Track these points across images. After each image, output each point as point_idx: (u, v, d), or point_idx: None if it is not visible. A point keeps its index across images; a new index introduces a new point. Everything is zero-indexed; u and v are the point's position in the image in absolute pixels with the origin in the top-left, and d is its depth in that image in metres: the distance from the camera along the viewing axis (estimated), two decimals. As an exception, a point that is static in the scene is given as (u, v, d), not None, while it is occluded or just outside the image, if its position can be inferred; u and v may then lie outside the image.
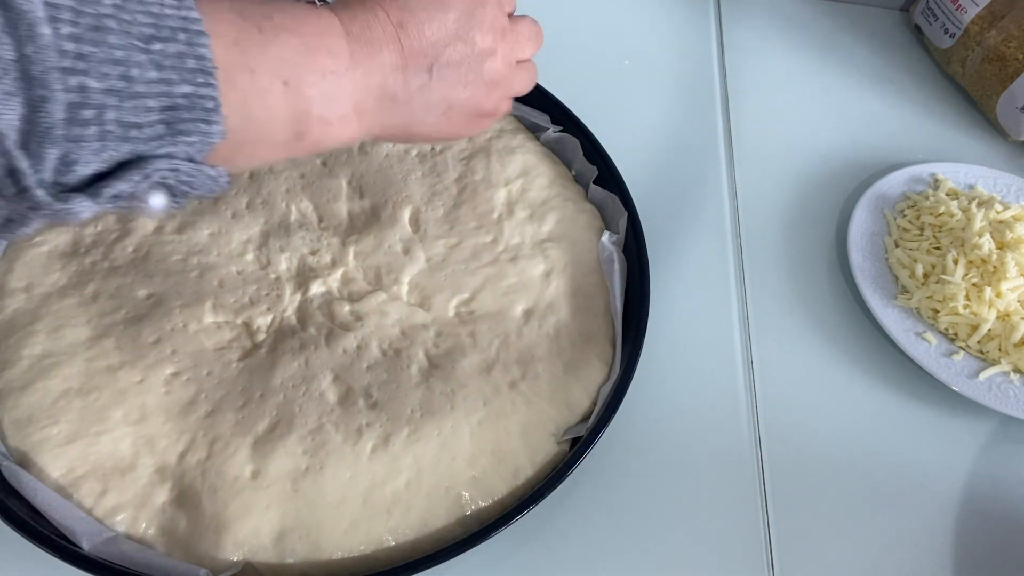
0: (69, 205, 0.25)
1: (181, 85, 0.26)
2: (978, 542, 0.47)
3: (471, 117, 0.39)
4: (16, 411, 0.41)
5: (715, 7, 0.74)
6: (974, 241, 0.54)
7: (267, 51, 0.30)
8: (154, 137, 0.26)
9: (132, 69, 0.25)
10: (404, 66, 0.35)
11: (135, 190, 0.26)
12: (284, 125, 0.31)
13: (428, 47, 0.36)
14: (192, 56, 0.27)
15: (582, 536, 0.44)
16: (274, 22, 0.30)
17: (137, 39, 0.25)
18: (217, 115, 0.27)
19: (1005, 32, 0.66)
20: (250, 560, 0.38)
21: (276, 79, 0.30)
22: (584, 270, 0.50)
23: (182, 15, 0.27)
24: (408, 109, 0.36)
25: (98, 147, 0.25)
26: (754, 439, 0.49)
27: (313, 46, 0.32)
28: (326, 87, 0.32)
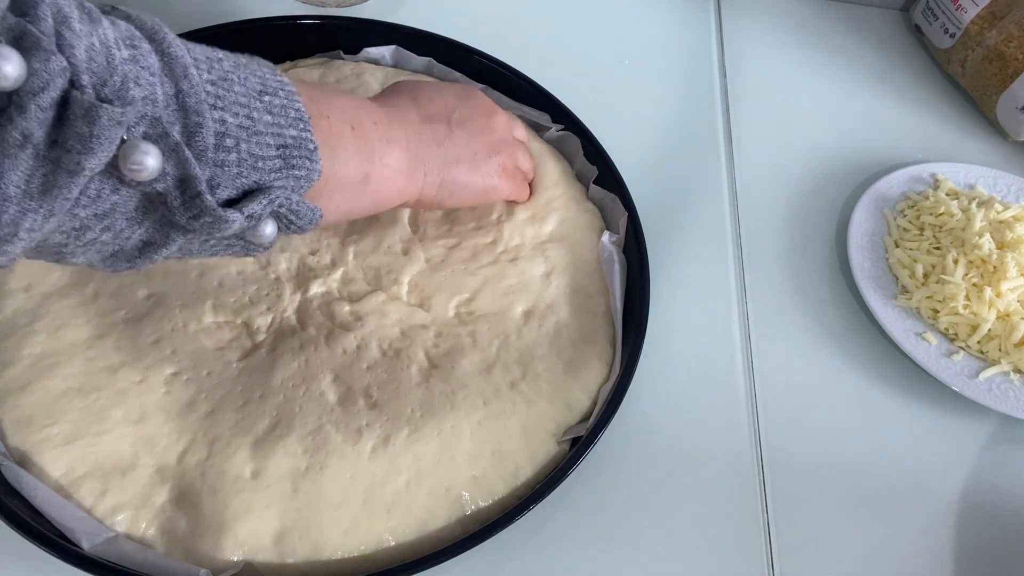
0: (227, 214, 0.29)
1: (288, 129, 0.31)
2: (978, 542, 0.47)
3: (494, 167, 0.46)
4: (16, 411, 0.41)
5: (715, 7, 0.74)
6: (974, 241, 0.54)
7: (333, 103, 0.36)
8: (274, 169, 0.31)
9: (253, 112, 0.30)
10: (428, 120, 0.42)
11: (262, 212, 0.31)
12: (357, 165, 0.36)
13: (440, 108, 0.44)
14: (292, 108, 0.32)
15: (582, 536, 0.44)
16: (328, 89, 0.37)
17: (252, 90, 0.30)
18: (317, 155, 0.32)
19: (1005, 32, 0.66)
20: (250, 560, 0.38)
21: (345, 124, 0.36)
22: (584, 270, 0.50)
23: (278, 79, 0.32)
24: (442, 155, 0.42)
25: (236, 172, 0.29)
26: (754, 439, 0.49)
27: (359, 105, 0.38)
28: (380, 133, 0.38)
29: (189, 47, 0.29)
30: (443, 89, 0.45)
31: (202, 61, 0.29)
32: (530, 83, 0.56)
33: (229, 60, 0.31)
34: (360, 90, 0.55)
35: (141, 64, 0.26)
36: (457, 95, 0.45)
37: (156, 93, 0.27)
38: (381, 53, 0.58)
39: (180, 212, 0.28)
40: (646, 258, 0.49)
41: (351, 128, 0.36)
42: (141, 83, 0.26)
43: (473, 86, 0.48)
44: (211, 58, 0.30)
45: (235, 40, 0.55)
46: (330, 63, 0.57)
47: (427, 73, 0.58)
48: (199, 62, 0.29)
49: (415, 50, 0.58)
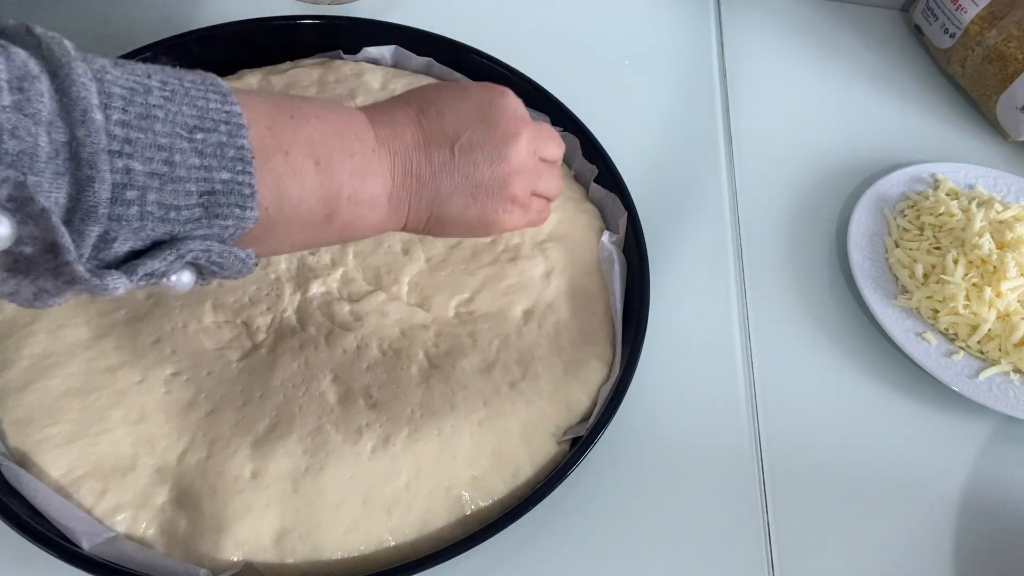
0: (105, 282, 0.26)
1: (221, 172, 0.28)
2: (978, 542, 0.47)
3: (499, 201, 0.40)
4: (16, 411, 0.41)
5: (715, 7, 0.74)
6: (974, 241, 0.54)
7: (299, 134, 0.32)
8: (191, 219, 0.28)
9: (175, 155, 0.27)
10: (426, 144, 0.37)
11: (168, 269, 0.28)
12: (316, 204, 0.32)
13: (448, 129, 0.38)
14: (232, 146, 0.29)
15: (582, 536, 0.44)
16: (304, 111, 0.33)
17: (182, 128, 0.27)
18: (253, 201, 0.29)
19: (1005, 32, 0.66)
20: (250, 560, 0.38)
21: (308, 159, 0.32)
22: (584, 270, 0.50)
23: (225, 109, 0.29)
24: (434, 187, 0.37)
25: (138, 227, 0.27)
26: (754, 439, 0.49)
27: (340, 130, 0.34)
28: (354, 166, 0.34)
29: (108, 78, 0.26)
30: (463, 99, 0.39)
31: (118, 96, 0.26)
32: (530, 83, 0.56)
33: (164, 88, 0.28)
34: (360, 90, 0.55)
35: (26, 111, 0.24)
36: (477, 111, 0.39)
37: (39, 144, 0.24)
38: (381, 53, 0.58)
39: (52, 276, 0.26)
40: (646, 258, 0.49)
41: (315, 164, 0.32)
42: (19, 134, 0.23)
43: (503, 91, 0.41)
44: (136, 89, 0.27)
45: (235, 40, 0.56)
46: (330, 63, 0.57)
47: (427, 73, 0.58)
48: (112, 98, 0.26)
49: (415, 50, 0.58)
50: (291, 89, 0.55)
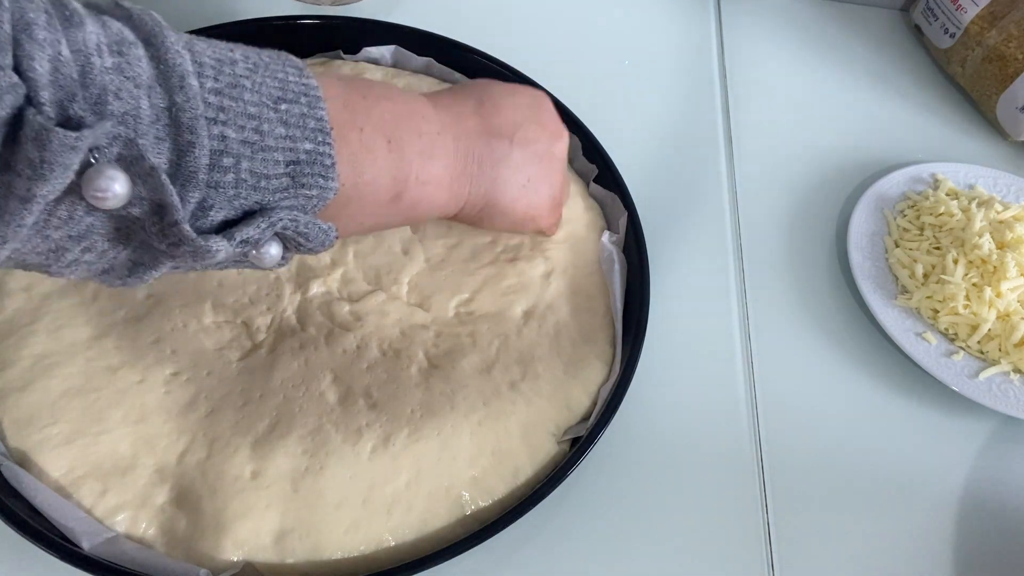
0: (210, 243, 0.26)
1: (304, 142, 0.29)
2: (978, 542, 0.47)
3: (545, 196, 0.42)
4: (16, 411, 0.41)
5: (715, 7, 0.74)
6: (974, 241, 0.54)
7: (372, 113, 0.33)
8: (280, 188, 0.28)
9: (264, 124, 0.28)
10: (488, 134, 0.39)
11: (260, 237, 0.28)
12: (388, 182, 0.33)
13: (507, 123, 0.40)
14: (313, 117, 0.29)
15: (582, 536, 0.44)
16: (375, 92, 0.34)
17: (268, 99, 0.28)
18: (334, 172, 0.30)
19: (1005, 32, 0.66)
20: (250, 560, 0.38)
21: (381, 137, 0.33)
22: (585, 270, 0.50)
23: (303, 82, 0.29)
24: (493, 176, 0.39)
25: (232, 194, 0.27)
26: (754, 439, 0.49)
27: (409, 111, 0.35)
28: (422, 146, 0.35)
29: (197, 49, 0.27)
30: (514, 96, 0.41)
31: (208, 66, 0.27)
32: (529, 82, 0.56)
33: (247, 61, 0.28)
34: None
35: (126, 74, 0.24)
36: (529, 107, 0.41)
37: (141, 107, 0.24)
38: (381, 53, 0.58)
39: (158, 239, 0.26)
40: (646, 258, 0.49)
41: (387, 142, 0.33)
42: (123, 96, 0.24)
43: (543, 94, 0.44)
44: (223, 59, 0.27)
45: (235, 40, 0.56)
46: (330, 63, 0.57)
47: (427, 73, 0.58)
48: (204, 67, 0.26)
49: (415, 50, 0.58)
50: None
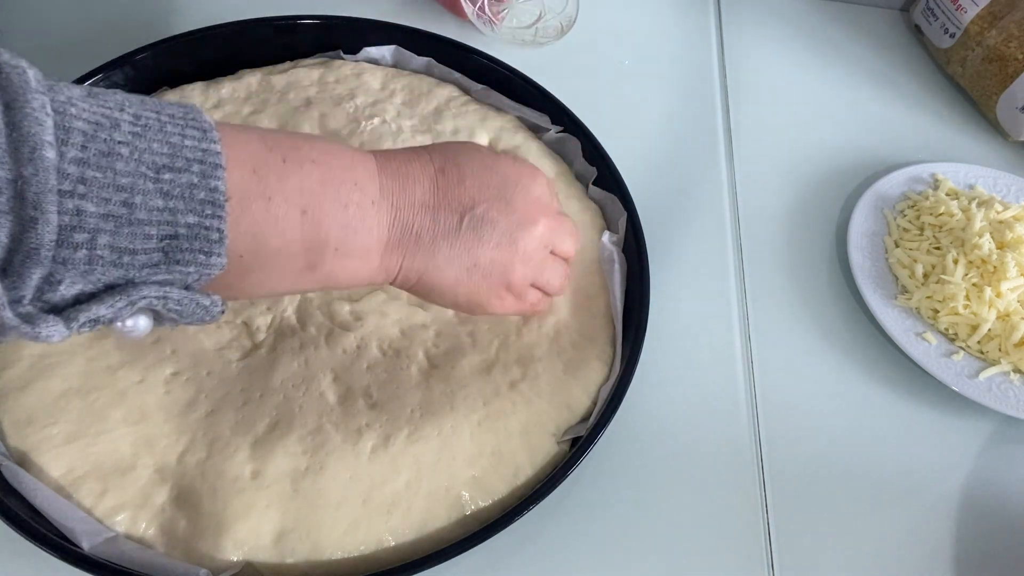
0: (38, 329, 0.25)
1: (187, 215, 0.27)
2: (978, 542, 0.47)
3: (494, 286, 0.38)
4: (16, 411, 0.41)
5: (715, 7, 0.74)
6: (974, 241, 0.54)
7: (287, 180, 0.30)
8: (148, 264, 0.26)
9: (136, 196, 0.26)
10: (436, 206, 0.35)
11: (116, 315, 0.26)
12: (298, 254, 0.31)
13: (465, 197, 0.36)
14: (204, 188, 0.27)
15: (582, 536, 0.44)
16: (302, 154, 0.31)
17: (148, 167, 0.26)
18: (220, 247, 0.28)
19: (1005, 32, 0.66)
20: (250, 560, 0.38)
21: (294, 207, 0.30)
22: (585, 270, 0.50)
23: (203, 147, 0.27)
24: (431, 253, 0.35)
25: (85, 270, 0.25)
26: (754, 439, 0.49)
27: (339, 178, 0.32)
28: (347, 218, 0.32)
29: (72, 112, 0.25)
30: (489, 171, 0.37)
31: (78, 132, 0.25)
32: (530, 83, 0.56)
33: (136, 123, 0.26)
34: (360, 90, 0.55)
35: None
36: (501, 186, 0.37)
37: None
38: (381, 53, 0.58)
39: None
40: (646, 258, 0.49)
41: (301, 212, 0.30)
42: None
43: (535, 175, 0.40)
44: (102, 123, 0.25)
45: (235, 40, 0.56)
46: (330, 63, 0.57)
47: (427, 73, 0.58)
48: (71, 134, 0.24)
49: (415, 50, 0.58)
50: (291, 90, 0.55)
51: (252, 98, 0.54)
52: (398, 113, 0.55)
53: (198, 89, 0.54)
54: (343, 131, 0.53)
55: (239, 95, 0.54)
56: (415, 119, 0.55)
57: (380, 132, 0.53)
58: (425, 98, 0.56)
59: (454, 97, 0.57)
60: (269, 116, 0.53)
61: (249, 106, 0.54)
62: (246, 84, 0.55)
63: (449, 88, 0.57)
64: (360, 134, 0.53)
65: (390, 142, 0.53)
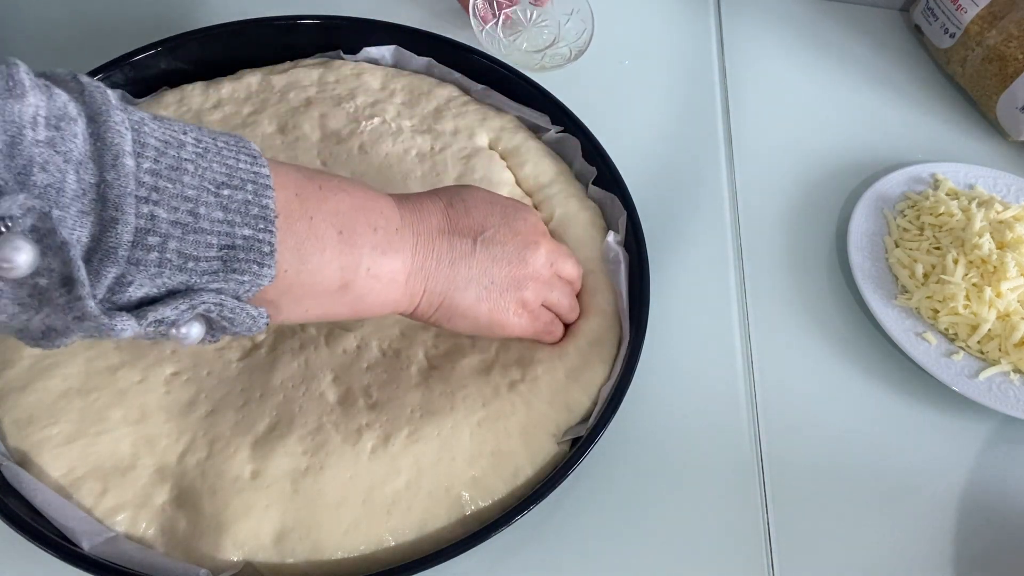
0: (115, 322, 0.27)
1: (243, 228, 0.29)
2: (978, 542, 0.47)
3: (510, 302, 0.41)
4: (16, 411, 0.41)
5: (715, 7, 0.74)
6: (974, 241, 0.54)
7: (325, 203, 0.33)
8: (209, 271, 0.29)
9: (200, 207, 0.28)
10: (451, 232, 0.39)
11: (179, 318, 0.28)
12: (334, 272, 0.33)
13: (474, 223, 0.40)
14: (257, 204, 0.30)
15: (582, 536, 0.44)
16: (333, 184, 0.34)
17: (210, 183, 0.29)
18: (271, 259, 0.30)
19: (1005, 32, 0.66)
20: (250, 560, 0.38)
21: (332, 227, 0.33)
22: (586, 269, 0.50)
23: (254, 170, 0.30)
24: (452, 274, 0.39)
25: (155, 272, 0.27)
26: (754, 439, 0.49)
27: (366, 205, 0.35)
28: (376, 240, 0.35)
29: (146, 130, 0.27)
30: (489, 203, 0.41)
31: (152, 147, 0.27)
32: (529, 83, 0.56)
33: (198, 145, 0.29)
34: (360, 90, 0.55)
35: (58, 148, 0.25)
36: (503, 214, 0.41)
37: (67, 181, 0.25)
38: (381, 53, 0.58)
39: (63, 311, 0.26)
40: (646, 258, 0.49)
41: (338, 232, 0.33)
42: (48, 169, 0.25)
43: (529, 208, 0.44)
44: (170, 142, 0.28)
45: (235, 40, 0.56)
46: (330, 63, 0.57)
47: (427, 73, 0.58)
48: (146, 148, 0.27)
49: (415, 50, 0.58)
50: (290, 89, 0.55)
51: (252, 98, 0.54)
52: (398, 113, 0.55)
53: (198, 89, 0.54)
54: (343, 131, 0.53)
55: (239, 95, 0.54)
56: (415, 119, 0.55)
57: (380, 132, 0.53)
58: (425, 98, 0.56)
59: (454, 97, 0.57)
60: (269, 116, 0.53)
61: (249, 106, 0.54)
62: (246, 84, 0.55)
63: (449, 88, 0.57)
64: (360, 134, 0.53)
65: (390, 141, 0.53)
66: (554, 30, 0.66)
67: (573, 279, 0.46)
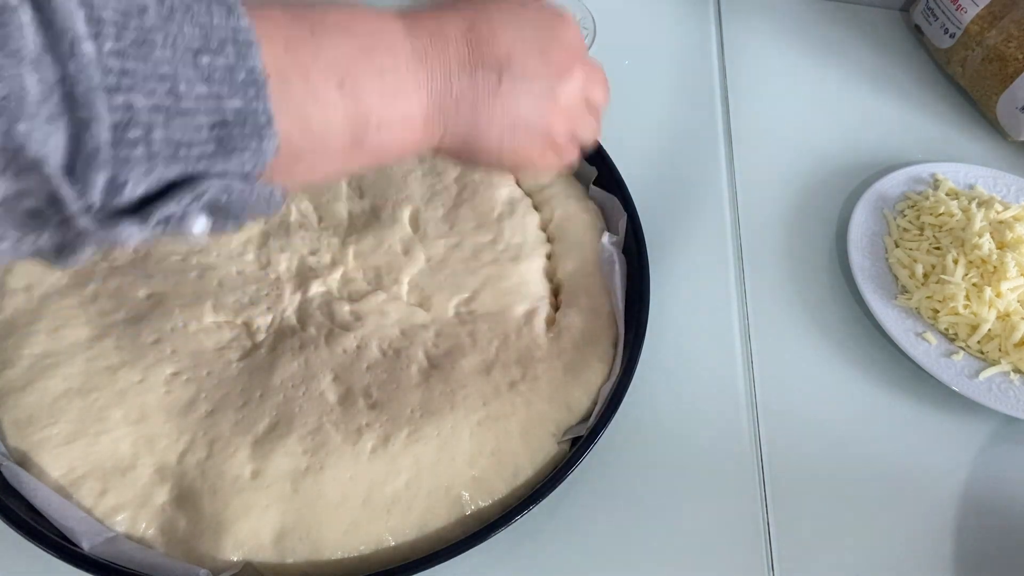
0: (116, 231, 0.24)
1: (232, 99, 0.26)
2: (978, 542, 0.47)
3: (537, 139, 0.37)
4: (16, 411, 0.41)
5: (715, 7, 0.74)
6: (974, 241, 0.54)
7: (320, 53, 0.29)
8: (205, 155, 0.26)
9: (180, 84, 0.24)
10: (473, 66, 0.34)
11: (186, 211, 0.25)
12: (342, 130, 0.30)
13: (500, 52, 0.35)
14: (243, 68, 0.26)
15: (582, 536, 0.44)
16: (328, 23, 0.30)
17: (185, 52, 0.25)
18: (270, 129, 0.27)
19: (1005, 32, 0.66)
20: (250, 560, 0.38)
21: (331, 81, 0.29)
22: (585, 271, 0.50)
23: (231, 25, 0.26)
24: (474, 114, 0.34)
25: (147, 167, 0.24)
26: (754, 439, 0.49)
27: (370, 44, 0.31)
28: (384, 86, 0.31)
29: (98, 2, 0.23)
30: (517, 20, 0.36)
31: (109, 22, 0.23)
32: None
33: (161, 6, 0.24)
34: None
35: (7, 49, 0.21)
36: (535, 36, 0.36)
37: (26, 86, 0.21)
38: None
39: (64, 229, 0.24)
40: (646, 259, 0.49)
41: (339, 85, 0.29)
42: (3, 76, 0.21)
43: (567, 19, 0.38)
44: (129, 10, 0.23)
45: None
46: None
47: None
48: (103, 25, 0.23)
49: None
50: None
51: None
52: None
53: None
54: None
55: None
56: None
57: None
58: None
59: None
60: None
61: None
62: None
63: None
64: None
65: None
66: None
67: (602, 104, 0.42)
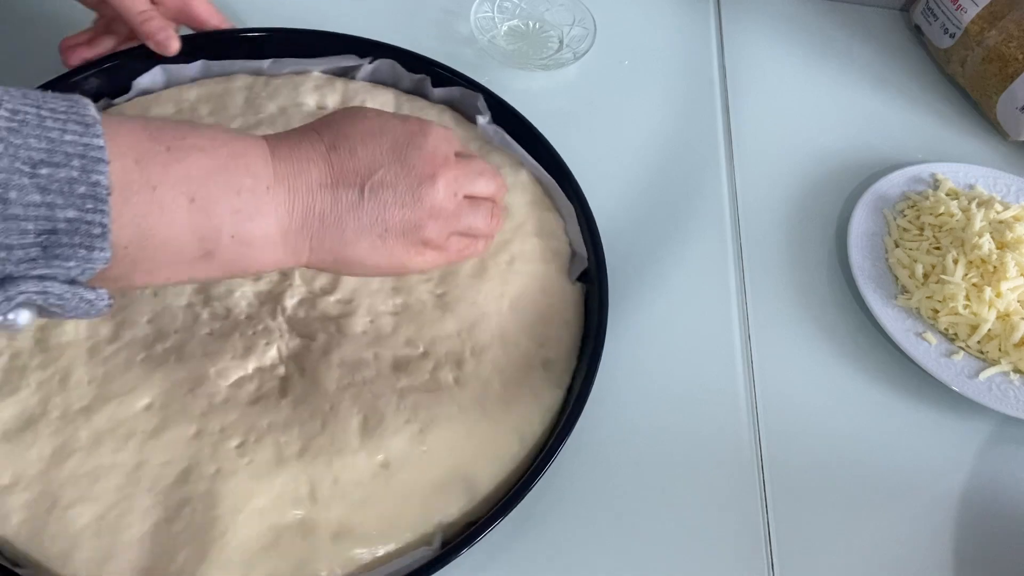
0: None
1: (66, 210, 0.26)
2: (978, 542, 0.47)
3: (410, 244, 0.38)
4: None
5: (715, 7, 0.74)
6: (974, 241, 0.54)
7: (171, 168, 0.30)
8: (25, 259, 0.26)
9: (11, 192, 0.25)
10: (334, 184, 0.35)
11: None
12: (190, 243, 0.31)
13: (360, 167, 0.36)
14: (84, 183, 0.27)
15: (581, 536, 0.44)
16: (187, 142, 0.31)
17: (24, 163, 0.26)
18: (103, 241, 0.27)
19: (1005, 32, 0.66)
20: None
21: (180, 195, 0.30)
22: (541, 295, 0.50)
23: (84, 142, 0.27)
24: (339, 230, 0.35)
25: None
26: (754, 439, 0.49)
27: (228, 165, 0.32)
28: (240, 204, 0.32)
29: None
30: (379, 136, 0.37)
31: None
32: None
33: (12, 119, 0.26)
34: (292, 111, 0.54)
35: None
36: (393, 148, 0.37)
37: None
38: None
39: None
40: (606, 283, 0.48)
41: (190, 200, 0.30)
42: None
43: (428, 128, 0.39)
44: None
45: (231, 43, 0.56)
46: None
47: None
48: None
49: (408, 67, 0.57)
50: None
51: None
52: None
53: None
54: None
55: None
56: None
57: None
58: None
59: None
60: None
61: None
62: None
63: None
64: None
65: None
66: (558, 37, 0.67)
67: (489, 194, 0.42)
